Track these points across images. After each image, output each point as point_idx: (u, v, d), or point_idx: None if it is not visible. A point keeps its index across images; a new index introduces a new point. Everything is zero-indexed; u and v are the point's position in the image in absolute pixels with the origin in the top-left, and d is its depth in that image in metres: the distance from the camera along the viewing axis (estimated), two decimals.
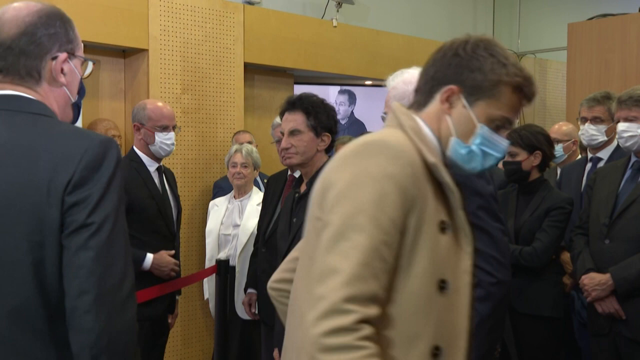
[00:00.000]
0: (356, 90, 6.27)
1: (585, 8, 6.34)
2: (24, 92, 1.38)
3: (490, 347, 1.99)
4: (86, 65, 1.51)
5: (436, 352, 1.29)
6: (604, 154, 3.64)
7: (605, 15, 5.43)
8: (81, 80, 1.49)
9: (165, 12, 4.48)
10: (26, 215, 1.26)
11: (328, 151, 2.64)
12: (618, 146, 3.62)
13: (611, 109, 3.45)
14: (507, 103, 1.41)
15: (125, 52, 4.56)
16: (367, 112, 6.32)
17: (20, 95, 1.38)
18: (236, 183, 4.07)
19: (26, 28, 1.37)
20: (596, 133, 3.60)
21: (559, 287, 3.28)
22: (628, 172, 3.01)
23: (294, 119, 2.57)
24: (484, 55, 1.40)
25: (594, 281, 2.89)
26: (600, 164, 3.61)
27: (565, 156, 4.12)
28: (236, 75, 4.85)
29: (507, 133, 1.47)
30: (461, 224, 1.36)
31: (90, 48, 4.17)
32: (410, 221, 1.26)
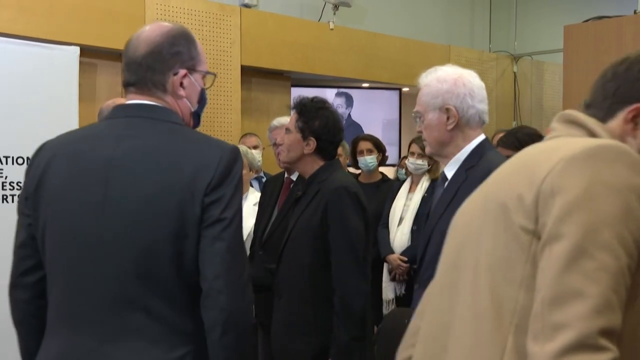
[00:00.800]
0: (353, 92, 6.28)
1: (581, 10, 6.35)
2: (155, 102, 1.60)
3: None
4: (210, 78, 1.73)
5: None
6: None
7: (601, 17, 5.45)
8: (203, 91, 1.70)
9: (162, 16, 4.49)
10: (173, 212, 1.47)
11: (327, 159, 2.64)
12: None
13: None
14: None
15: (122, 56, 4.56)
16: (364, 115, 6.33)
17: (157, 105, 1.59)
18: None
19: (154, 47, 1.60)
20: None
21: None
22: None
23: (291, 118, 2.65)
24: None
25: None
26: None
27: None
28: (233, 78, 4.85)
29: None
30: None
31: (87, 51, 4.18)
32: None
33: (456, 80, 2.11)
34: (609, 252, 1.02)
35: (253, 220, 3.41)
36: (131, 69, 1.62)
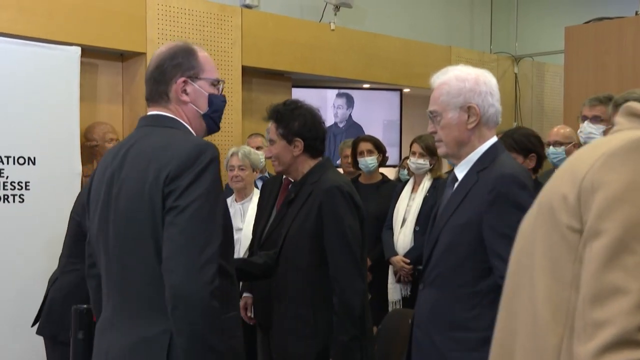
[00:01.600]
0: (354, 93, 6.28)
1: (582, 11, 6.35)
2: (161, 111, 1.85)
3: None
4: (219, 84, 1.93)
5: None
6: None
7: (602, 18, 5.44)
8: (211, 96, 1.88)
9: (162, 16, 4.49)
10: (146, 203, 1.68)
11: (317, 156, 2.65)
12: None
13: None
14: None
15: (123, 56, 4.57)
16: (365, 115, 6.33)
17: (159, 114, 1.85)
18: (235, 186, 4.05)
19: (159, 62, 1.85)
20: (594, 132, 3.62)
21: None
22: None
23: (271, 129, 2.67)
24: None
25: None
26: None
27: (567, 158, 4.11)
28: (234, 78, 4.85)
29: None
30: None
31: (88, 51, 4.19)
32: None
33: (477, 78, 2.10)
34: None
35: None
36: (146, 84, 1.88)
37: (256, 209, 3.31)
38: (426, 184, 4.14)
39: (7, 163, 3.63)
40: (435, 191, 4.04)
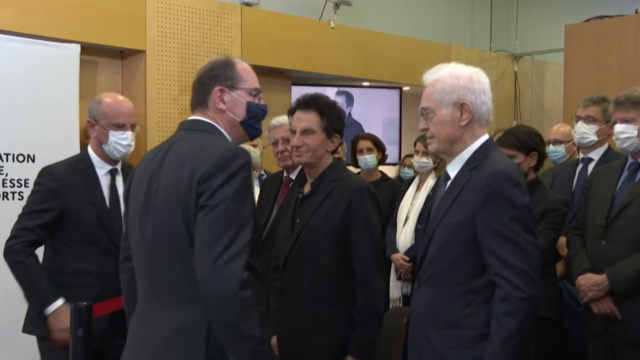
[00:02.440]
0: (354, 91, 6.28)
1: (582, 10, 6.35)
2: (201, 117, 1.99)
3: None
4: (259, 94, 2.08)
5: None
6: (595, 155, 3.66)
7: (602, 17, 5.44)
8: (250, 104, 2.02)
9: (162, 14, 4.49)
10: (181, 200, 1.80)
11: (333, 155, 2.65)
12: (609, 147, 3.63)
13: (606, 111, 3.47)
14: None
15: (122, 54, 4.56)
16: (365, 113, 6.33)
17: (197, 118, 1.99)
18: None
19: (200, 75, 2.01)
20: (587, 132, 3.62)
21: (555, 289, 3.28)
22: (625, 174, 3.01)
23: (308, 118, 2.55)
24: None
25: (590, 281, 2.90)
26: (591, 165, 3.63)
27: (567, 157, 4.12)
28: None
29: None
30: None
31: (87, 49, 4.18)
32: None
33: (471, 76, 2.11)
34: None
35: None
36: (192, 93, 2.04)
37: (256, 207, 3.31)
38: (430, 183, 4.15)
39: (7, 160, 3.63)
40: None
